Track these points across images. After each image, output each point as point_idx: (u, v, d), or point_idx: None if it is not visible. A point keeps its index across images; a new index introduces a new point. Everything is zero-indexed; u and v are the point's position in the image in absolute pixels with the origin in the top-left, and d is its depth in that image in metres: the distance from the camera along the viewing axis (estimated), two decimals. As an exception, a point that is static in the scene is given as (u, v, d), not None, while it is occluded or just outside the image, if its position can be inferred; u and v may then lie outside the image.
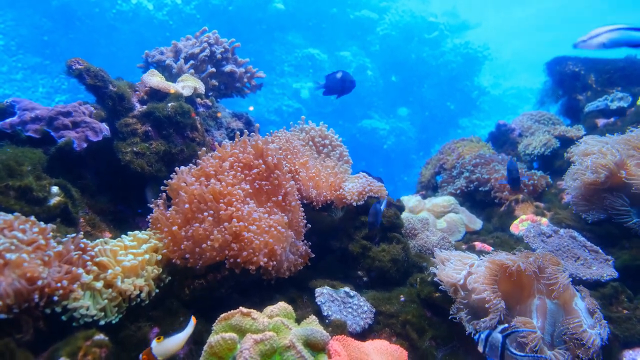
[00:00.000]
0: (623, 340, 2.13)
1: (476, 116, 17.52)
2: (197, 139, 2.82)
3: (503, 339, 1.67)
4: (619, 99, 4.23)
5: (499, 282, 1.97)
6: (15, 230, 1.63)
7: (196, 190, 2.11)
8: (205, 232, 2.01)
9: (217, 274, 2.10)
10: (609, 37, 2.04)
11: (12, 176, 2.04)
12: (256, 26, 14.69)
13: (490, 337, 1.70)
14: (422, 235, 3.11)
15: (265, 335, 1.52)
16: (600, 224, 2.86)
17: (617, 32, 2.01)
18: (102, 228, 2.38)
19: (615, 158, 2.66)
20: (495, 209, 3.67)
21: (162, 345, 1.57)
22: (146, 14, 13.69)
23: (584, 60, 4.83)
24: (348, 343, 1.75)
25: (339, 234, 2.71)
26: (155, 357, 1.57)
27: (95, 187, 2.55)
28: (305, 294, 2.27)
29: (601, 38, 2.06)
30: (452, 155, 4.47)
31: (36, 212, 1.98)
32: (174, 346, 1.61)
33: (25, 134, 2.35)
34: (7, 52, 12.74)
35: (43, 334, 1.63)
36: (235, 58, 3.52)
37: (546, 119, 4.71)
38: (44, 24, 13.08)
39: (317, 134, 2.98)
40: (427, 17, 16.88)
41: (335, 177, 2.71)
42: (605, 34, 2.04)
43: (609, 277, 2.47)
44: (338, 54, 15.68)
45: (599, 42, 2.07)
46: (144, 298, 1.87)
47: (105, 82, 2.61)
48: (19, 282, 1.50)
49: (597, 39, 2.07)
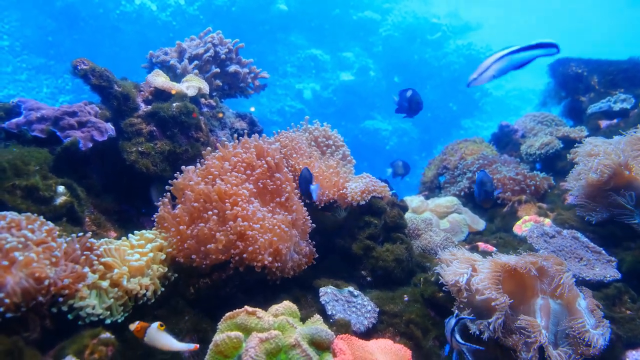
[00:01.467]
0: (626, 340, 2.13)
1: (479, 117, 17.50)
2: (201, 138, 2.84)
3: (454, 325, 1.81)
4: (622, 101, 4.23)
5: (503, 282, 1.98)
6: (24, 229, 1.65)
7: (202, 189, 2.13)
8: (211, 232, 2.02)
9: (222, 273, 2.11)
10: (496, 68, 2.03)
11: (18, 175, 2.05)
12: (259, 27, 14.71)
13: (446, 322, 1.84)
14: (425, 235, 3.11)
15: (271, 334, 1.53)
16: (603, 224, 2.86)
17: (502, 60, 2.00)
18: (107, 227, 2.39)
19: (619, 158, 2.66)
20: (498, 210, 3.67)
21: (158, 334, 1.59)
22: (150, 15, 13.73)
23: (587, 61, 4.82)
24: (352, 342, 1.76)
25: (342, 233, 2.72)
26: (144, 336, 1.60)
27: (100, 187, 2.57)
28: (310, 293, 2.28)
29: (489, 72, 2.05)
30: (454, 156, 4.47)
31: (42, 212, 2.00)
32: (164, 344, 1.61)
33: (31, 133, 2.37)
34: (12, 52, 12.79)
35: (50, 332, 1.64)
36: (239, 58, 3.53)
37: (549, 120, 4.71)
38: (48, 24, 13.13)
39: (321, 134, 2.99)
40: (429, 18, 16.87)
41: (338, 176, 2.72)
42: (492, 66, 2.03)
43: (612, 277, 2.48)
44: (341, 54, 15.69)
45: (488, 76, 2.06)
46: (150, 297, 1.88)
47: (111, 82, 2.63)
48: (26, 281, 1.51)
49: (487, 74, 2.06)
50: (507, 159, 4.13)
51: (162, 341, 1.61)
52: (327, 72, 15.40)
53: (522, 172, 3.81)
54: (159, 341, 1.61)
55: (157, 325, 1.60)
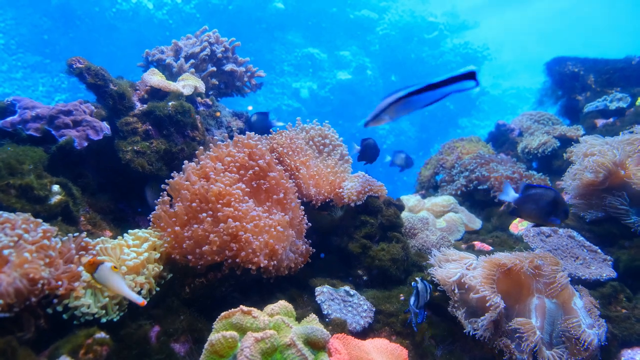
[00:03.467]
0: (622, 339, 2.14)
1: (476, 116, 17.54)
2: (197, 137, 2.83)
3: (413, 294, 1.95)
4: (618, 100, 4.24)
5: (498, 281, 1.98)
6: (18, 228, 1.64)
7: (198, 189, 2.12)
8: (205, 233, 2.01)
9: (218, 272, 2.11)
10: (390, 114, 1.87)
11: (13, 175, 2.04)
12: (256, 25, 14.70)
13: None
14: (421, 234, 3.11)
15: (266, 333, 1.53)
16: (599, 223, 2.87)
17: (398, 103, 1.77)
18: (102, 227, 2.38)
19: (614, 158, 2.67)
20: (495, 209, 3.68)
21: (110, 274, 1.59)
22: (146, 13, 13.69)
23: (584, 60, 4.84)
24: (348, 341, 1.76)
25: (339, 232, 2.72)
26: (94, 272, 1.60)
27: (95, 186, 2.56)
28: (306, 292, 2.27)
29: (385, 118, 1.91)
30: (451, 155, 4.47)
31: (37, 211, 1.99)
32: (112, 285, 1.60)
33: (26, 132, 2.35)
34: (7, 50, 12.74)
35: (45, 332, 1.63)
36: (236, 57, 3.52)
37: (546, 119, 4.72)
38: (43, 22, 13.08)
39: (317, 134, 2.99)
40: (426, 17, 16.90)
41: (335, 175, 2.71)
42: (387, 111, 1.84)
43: (608, 276, 2.48)
44: (338, 53, 15.69)
45: (385, 121, 1.93)
46: (145, 295, 1.88)
47: (106, 80, 2.62)
48: (20, 282, 1.51)
49: (383, 120, 1.91)
50: (503, 158, 4.13)
51: (112, 282, 1.59)
52: (324, 71, 15.40)
53: (518, 170, 3.82)
54: (109, 281, 1.59)
55: (110, 266, 1.60)
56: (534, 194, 2.11)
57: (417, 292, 1.94)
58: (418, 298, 1.93)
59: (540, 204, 2.07)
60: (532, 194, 2.12)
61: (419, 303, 1.93)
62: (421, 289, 1.95)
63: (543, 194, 2.09)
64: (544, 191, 2.09)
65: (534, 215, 2.11)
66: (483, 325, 1.85)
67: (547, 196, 2.07)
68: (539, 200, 2.08)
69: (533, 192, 2.12)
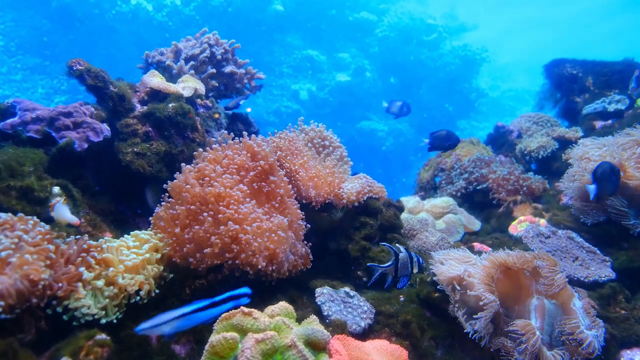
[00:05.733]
0: (620, 340, 2.15)
1: (474, 118, 17.56)
2: (197, 139, 2.83)
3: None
4: (617, 102, 4.25)
5: (497, 282, 1.98)
6: (18, 230, 1.64)
7: (199, 192, 2.12)
8: (206, 234, 2.02)
9: (218, 274, 2.11)
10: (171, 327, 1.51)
11: (13, 176, 2.05)
12: (255, 27, 14.71)
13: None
14: (421, 235, 3.12)
15: (267, 334, 1.53)
16: (598, 225, 2.88)
17: (178, 320, 1.49)
18: (102, 228, 2.38)
19: (613, 160, 2.68)
20: (494, 210, 3.69)
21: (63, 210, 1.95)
22: (146, 15, 13.70)
23: (582, 62, 4.86)
24: (348, 342, 1.76)
25: (338, 234, 2.72)
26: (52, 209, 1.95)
27: (96, 188, 2.56)
28: (306, 294, 2.28)
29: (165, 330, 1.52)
30: (450, 157, 4.48)
31: (37, 212, 1.99)
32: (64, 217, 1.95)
33: (26, 134, 2.36)
34: (7, 52, 12.74)
35: (45, 333, 1.64)
36: (235, 59, 3.53)
37: (544, 121, 4.73)
38: (43, 24, 13.08)
39: (316, 135, 2.99)
40: (425, 19, 16.93)
41: (334, 177, 2.72)
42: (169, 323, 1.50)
43: (607, 277, 2.49)
44: (337, 55, 15.71)
45: (161, 332, 1.53)
46: (144, 296, 1.88)
47: (106, 82, 2.62)
48: (21, 283, 1.51)
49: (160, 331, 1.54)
50: (502, 160, 4.15)
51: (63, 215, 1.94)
52: (323, 73, 15.41)
53: (514, 172, 3.83)
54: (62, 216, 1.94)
55: (61, 203, 1.96)
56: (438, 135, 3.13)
57: (396, 257, 2.08)
58: (397, 264, 2.08)
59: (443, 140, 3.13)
60: (437, 135, 3.13)
61: (399, 271, 2.09)
62: (402, 257, 2.10)
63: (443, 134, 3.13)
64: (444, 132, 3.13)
65: (437, 145, 3.17)
66: (480, 325, 1.85)
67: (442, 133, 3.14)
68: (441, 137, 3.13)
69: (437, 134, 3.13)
